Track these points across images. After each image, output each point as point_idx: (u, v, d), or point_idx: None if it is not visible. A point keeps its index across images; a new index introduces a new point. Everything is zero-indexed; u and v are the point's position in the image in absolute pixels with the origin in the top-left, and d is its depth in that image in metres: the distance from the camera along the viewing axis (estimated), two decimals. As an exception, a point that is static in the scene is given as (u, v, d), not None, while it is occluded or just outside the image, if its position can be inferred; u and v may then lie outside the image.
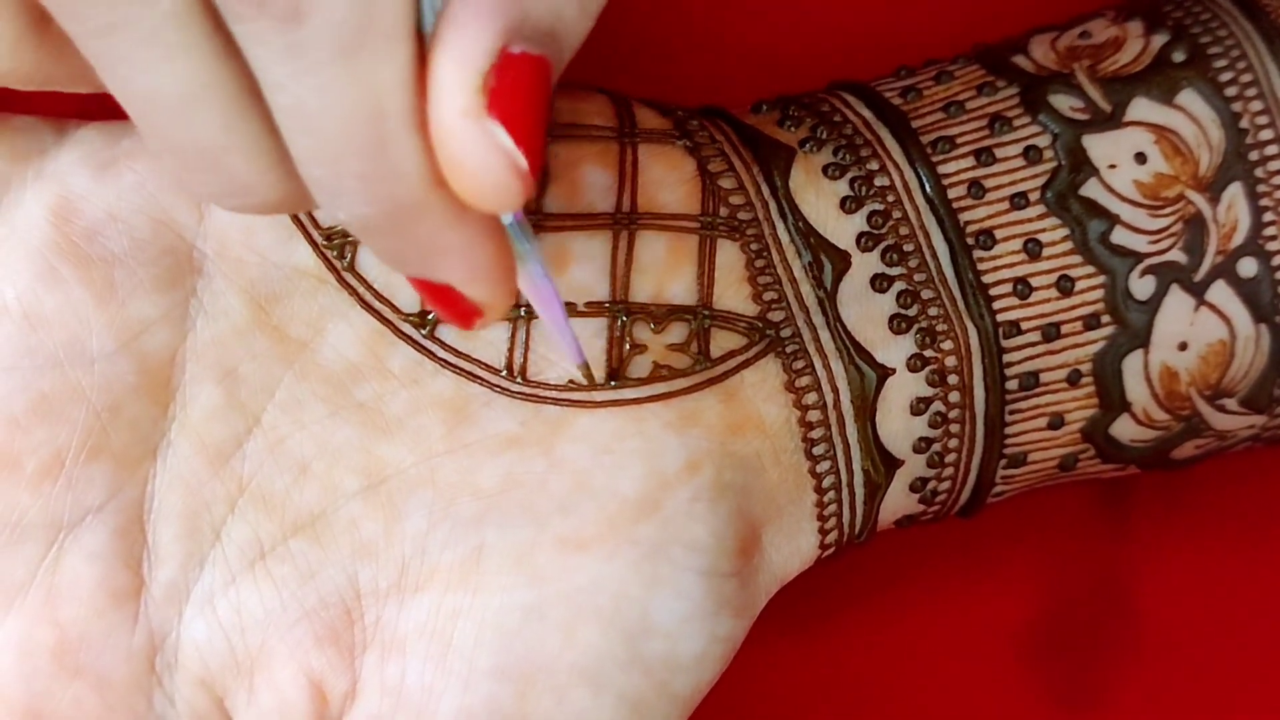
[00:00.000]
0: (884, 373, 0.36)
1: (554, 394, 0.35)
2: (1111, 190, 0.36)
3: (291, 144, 0.29)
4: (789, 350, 0.35)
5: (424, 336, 0.35)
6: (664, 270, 0.35)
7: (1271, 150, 0.36)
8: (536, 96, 0.28)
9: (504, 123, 0.28)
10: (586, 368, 0.34)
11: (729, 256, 0.35)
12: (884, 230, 0.36)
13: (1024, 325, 0.36)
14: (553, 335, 0.33)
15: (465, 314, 0.31)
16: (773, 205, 0.36)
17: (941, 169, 0.36)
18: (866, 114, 0.37)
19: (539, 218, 0.35)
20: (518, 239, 0.31)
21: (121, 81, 0.29)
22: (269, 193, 0.30)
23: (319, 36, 0.27)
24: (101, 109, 0.35)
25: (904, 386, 0.36)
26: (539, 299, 0.32)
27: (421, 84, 0.28)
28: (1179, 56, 0.37)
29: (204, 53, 0.28)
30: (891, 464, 0.36)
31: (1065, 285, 0.36)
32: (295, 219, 0.35)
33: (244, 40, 0.28)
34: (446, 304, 0.31)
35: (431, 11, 0.28)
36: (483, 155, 0.28)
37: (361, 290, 0.35)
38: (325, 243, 0.35)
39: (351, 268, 0.35)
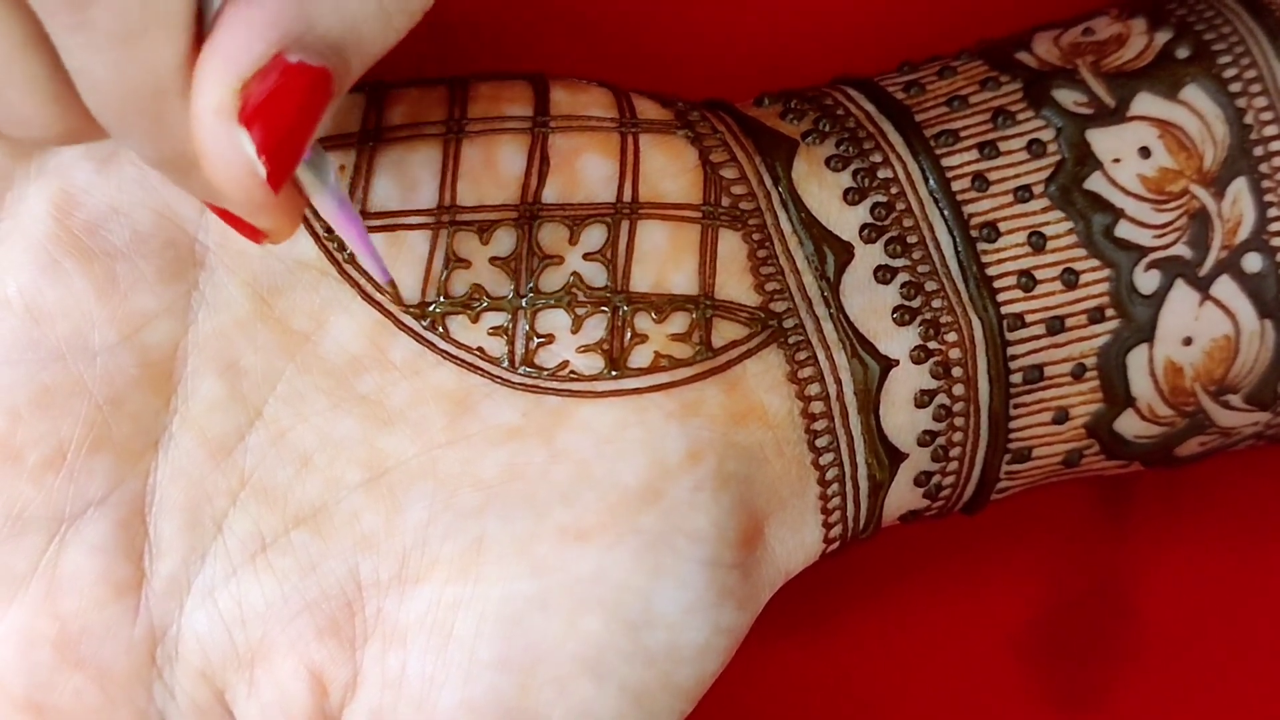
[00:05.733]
0: (887, 364, 0.35)
1: (555, 384, 0.34)
2: (1116, 184, 0.36)
3: (83, 97, 0.30)
4: (792, 341, 0.35)
5: (425, 328, 0.35)
6: (665, 260, 0.35)
7: (1276, 146, 0.36)
8: (303, 107, 0.29)
9: (256, 129, 0.29)
10: (393, 286, 0.34)
11: (731, 246, 0.35)
12: (887, 222, 0.36)
13: (1028, 318, 0.36)
14: (358, 256, 0.34)
15: (253, 235, 0.32)
16: (775, 196, 0.36)
17: (945, 162, 0.36)
18: (869, 107, 0.37)
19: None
20: (306, 175, 0.31)
21: None
22: (48, 127, 0.31)
23: (104, 18, 0.28)
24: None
25: (908, 379, 0.36)
26: (337, 223, 0.32)
27: None
28: (1183, 52, 0.37)
29: None
30: (895, 457, 0.36)
31: (1069, 278, 0.36)
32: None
33: (35, 6, 0.29)
34: (234, 225, 0.32)
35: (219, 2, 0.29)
36: (226, 155, 0.29)
37: (363, 282, 0.35)
38: (327, 235, 0.35)
39: (353, 260, 0.35)
